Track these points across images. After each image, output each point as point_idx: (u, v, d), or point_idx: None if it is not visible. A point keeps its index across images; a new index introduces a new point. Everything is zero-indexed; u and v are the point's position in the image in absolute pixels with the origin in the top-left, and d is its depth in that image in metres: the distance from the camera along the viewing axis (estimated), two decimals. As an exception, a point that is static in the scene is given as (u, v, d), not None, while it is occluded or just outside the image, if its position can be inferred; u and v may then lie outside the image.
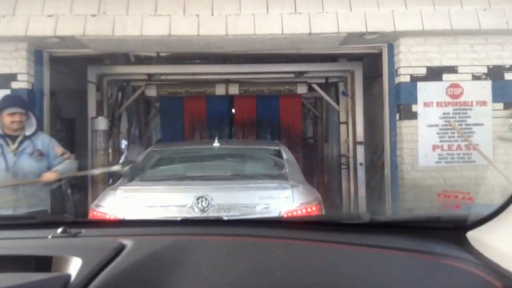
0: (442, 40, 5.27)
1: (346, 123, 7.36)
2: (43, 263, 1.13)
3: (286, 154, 4.52)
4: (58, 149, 4.02)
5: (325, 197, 7.90)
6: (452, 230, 1.33)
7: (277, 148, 4.69)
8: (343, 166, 7.49)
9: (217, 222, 1.92)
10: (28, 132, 3.92)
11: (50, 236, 1.30)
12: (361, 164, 6.73)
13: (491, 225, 1.20)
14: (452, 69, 5.29)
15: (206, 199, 3.42)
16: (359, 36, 5.18)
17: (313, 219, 2.23)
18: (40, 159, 3.91)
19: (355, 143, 6.82)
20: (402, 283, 1.09)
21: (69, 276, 1.03)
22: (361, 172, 6.72)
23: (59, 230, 1.33)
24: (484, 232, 1.21)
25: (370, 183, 6.75)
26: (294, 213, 3.44)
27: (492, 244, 1.16)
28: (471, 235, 1.26)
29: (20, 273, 1.09)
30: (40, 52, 5.45)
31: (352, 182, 7.01)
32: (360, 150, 6.75)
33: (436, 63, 5.30)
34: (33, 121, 3.99)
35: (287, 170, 4.10)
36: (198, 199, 3.42)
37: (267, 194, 3.52)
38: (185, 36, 4.95)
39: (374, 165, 6.60)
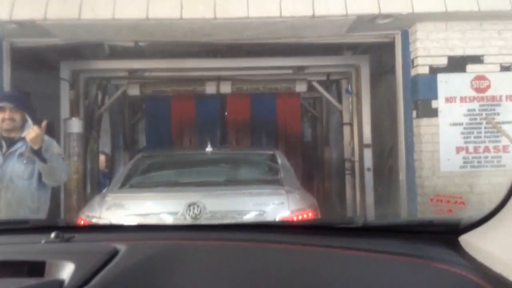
0: (466, 25, 4.63)
1: (350, 124, 6.67)
2: (36, 268, 1.14)
3: (280, 159, 4.43)
4: (55, 148, 3.42)
5: (327, 205, 7.39)
6: (445, 234, 1.32)
7: (271, 153, 4.62)
8: (347, 172, 6.80)
9: (211, 227, 1.87)
10: (25, 133, 3.33)
11: (43, 241, 1.31)
12: (368, 169, 6.06)
13: (484, 229, 1.20)
14: (477, 59, 4.66)
15: (198, 206, 3.33)
16: (369, 21, 4.49)
17: (307, 223, 2.22)
18: (29, 161, 3.31)
19: (362, 146, 6.13)
20: (394, 287, 1.10)
21: (62, 281, 1.06)
22: (369, 178, 6.04)
23: (52, 235, 1.33)
24: (477, 236, 1.22)
25: (378, 190, 6.05)
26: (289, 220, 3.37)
27: (484, 248, 1.17)
28: (464, 239, 1.26)
29: (13, 278, 1.10)
30: (-2, 42, 4.70)
31: (358, 189, 6.31)
32: (368, 153, 6.07)
33: (459, 52, 4.65)
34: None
35: (282, 176, 4.03)
36: (189, 206, 3.33)
37: (262, 201, 3.47)
38: (166, 20, 4.21)
39: (384, 170, 5.91)
